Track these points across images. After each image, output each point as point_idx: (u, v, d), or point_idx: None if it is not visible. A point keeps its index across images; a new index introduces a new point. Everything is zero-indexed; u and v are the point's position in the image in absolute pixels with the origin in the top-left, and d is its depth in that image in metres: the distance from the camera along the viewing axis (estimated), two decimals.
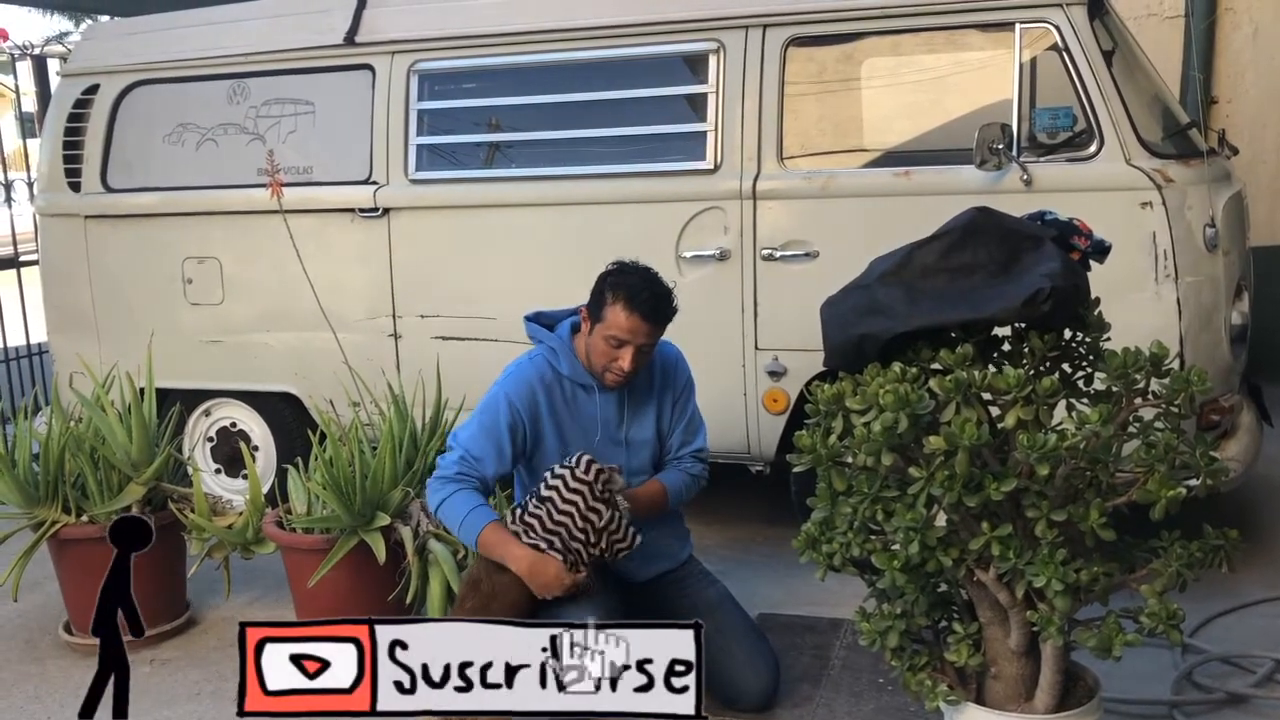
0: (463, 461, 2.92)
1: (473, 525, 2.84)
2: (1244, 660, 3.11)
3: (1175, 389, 2.17)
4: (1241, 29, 6.23)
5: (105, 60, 4.80)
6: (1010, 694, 2.34)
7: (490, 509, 2.89)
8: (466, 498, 2.87)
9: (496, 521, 2.86)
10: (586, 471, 2.77)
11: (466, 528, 2.85)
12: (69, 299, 4.86)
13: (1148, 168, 3.49)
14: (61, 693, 3.32)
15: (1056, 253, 2.29)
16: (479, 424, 2.95)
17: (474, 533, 2.83)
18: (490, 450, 2.92)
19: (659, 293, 2.88)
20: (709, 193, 3.92)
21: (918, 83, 4.27)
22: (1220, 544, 2.26)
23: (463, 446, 2.93)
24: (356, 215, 4.37)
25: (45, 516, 3.56)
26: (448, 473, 2.91)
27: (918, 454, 2.18)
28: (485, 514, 2.86)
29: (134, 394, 3.66)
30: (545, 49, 4.20)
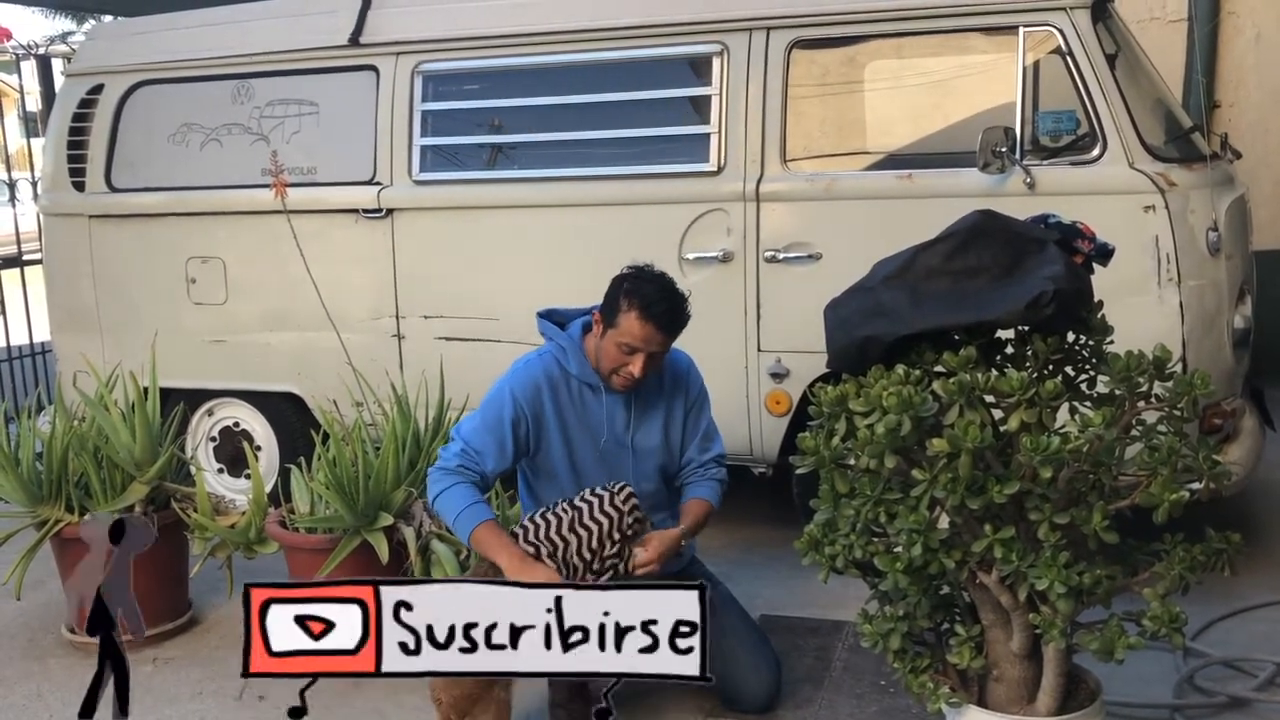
0: (464, 454, 2.91)
1: (467, 521, 2.83)
2: (1246, 664, 3.11)
3: (1178, 392, 2.17)
4: (1244, 33, 6.23)
5: (110, 60, 4.81)
6: (1012, 696, 2.34)
7: (487, 506, 2.89)
8: (464, 492, 2.86)
9: (492, 520, 2.85)
10: (625, 502, 2.77)
11: (461, 522, 2.84)
12: (73, 298, 4.87)
13: (1151, 171, 3.49)
14: (64, 691, 3.32)
15: (1060, 256, 2.30)
16: (482, 418, 2.95)
17: (468, 528, 2.83)
18: (492, 445, 2.92)
19: (675, 303, 2.88)
20: (712, 195, 3.93)
21: (921, 86, 4.28)
22: (1222, 547, 2.26)
23: (465, 439, 2.93)
24: (360, 216, 4.38)
25: (48, 515, 3.57)
26: (448, 465, 2.91)
27: (921, 456, 2.18)
28: (481, 511, 2.85)
29: (138, 393, 3.67)
30: (549, 51, 4.20)
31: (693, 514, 2.99)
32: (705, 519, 3.02)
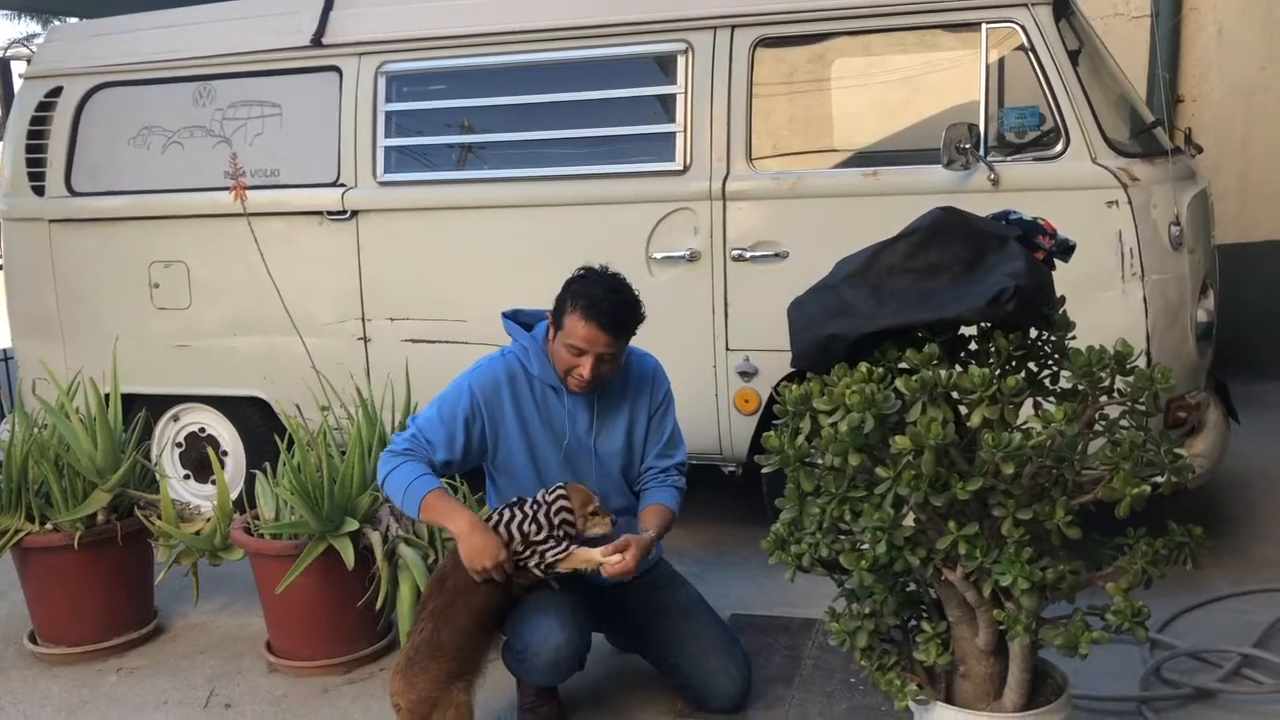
0: (414, 440, 2.90)
1: (417, 491, 2.81)
2: (1211, 655, 3.12)
3: (1140, 386, 2.18)
4: (1206, 29, 6.29)
5: (68, 62, 4.75)
6: (979, 693, 2.34)
7: (435, 478, 2.86)
8: (413, 468, 2.84)
9: (440, 488, 2.84)
10: (551, 494, 2.81)
11: (411, 493, 2.82)
12: (33, 304, 4.81)
13: (1113, 166, 3.51)
14: (25, 704, 3.28)
15: (1021, 252, 2.30)
16: (438, 410, 2.94)
17: (418, 497, 2.81)
18: (442, 437, 2.90)
19: (620, 302, 2.84)
20: (678, 194, 3.92)
21: (886, 83, 4.29)
22: (1185, 541, 2.27)
23: (418, 427, 2.93)
24: (325, 218, 4.34)
25: (8, 525, 3.51)
26: (397, 448, 2.90)
27: (885, 454, 2.18)
28: (430, 481, 2.83)
29: (98, 400, 3.62)
30: (514, 50, 4.18)
31: (658, 517, 2.97)
32: (669, 524, 3.01)
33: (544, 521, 2.78)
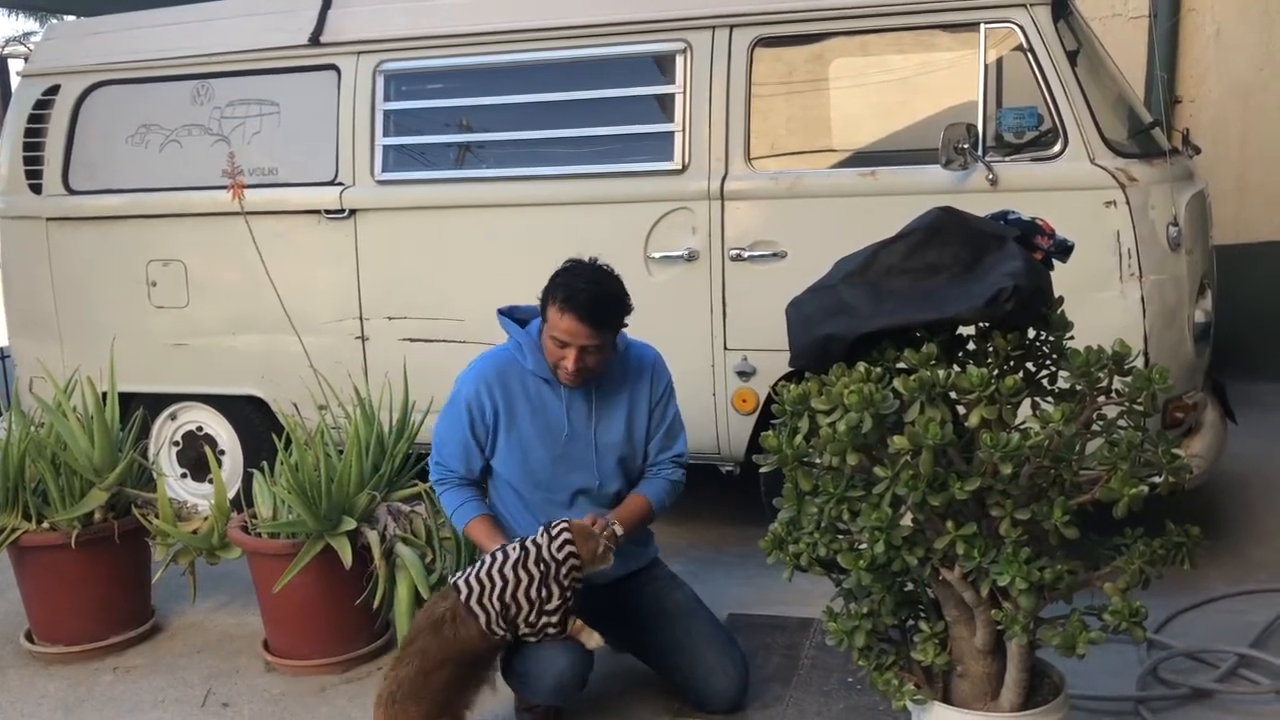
0: (438, 468, 3.08)
1: (459, 523, 3.05)
2: (1208, 655, 3.13)
3: (1137, 387, 2.18)
4: (1204, 30, 6.30)
5: (66, 60, 4.74)
6: (977, 692, 2.35)
7: (471, 507, 3.02)
8: (453, 496, 3.05)
9: (475, 519, 2.99)
10: (560, 550, 2.70)
11: (457, 523, 3.06)
12: (30, 302, 4.80)
13: (1111, 167, 3.51)
14: (23, 702, 3.27)
15: (1019, 252, 2.30)
16: (445, 431, 3.07)
17: (460, 528, 3.06)
18: (461, 459, 3.05)
19: (599, 294, 2.83)
20: (677, 193, 3.92)
21: (884, 83, 4.28)
22: (1182, 541, 2.27)
23: (441, 457, 3.09)
24: (323, 217, 4.34)
25: (5, 523, 3.51)
26: (434, 479, 3.12)
27: (883, 454, 2.18)
28: (465, 514, 3.02)
29: (96, 399, 3.62)
30: (512, 49, 4.18)
31: (627, 508, 2.98)
32: (642, 517, 3.01)
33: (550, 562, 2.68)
